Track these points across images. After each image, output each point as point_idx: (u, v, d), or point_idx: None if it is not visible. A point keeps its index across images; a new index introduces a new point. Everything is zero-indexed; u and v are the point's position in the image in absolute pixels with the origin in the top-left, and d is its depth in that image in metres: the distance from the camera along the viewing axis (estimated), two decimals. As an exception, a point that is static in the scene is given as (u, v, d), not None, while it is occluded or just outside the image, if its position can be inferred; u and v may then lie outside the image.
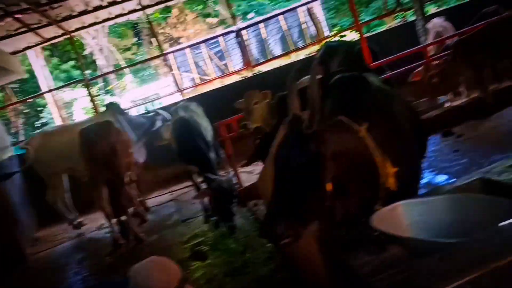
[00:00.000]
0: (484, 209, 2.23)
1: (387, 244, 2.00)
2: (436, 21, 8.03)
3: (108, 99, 15.96)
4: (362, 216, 2.35)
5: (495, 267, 1.62)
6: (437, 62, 6.93)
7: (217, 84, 10.91)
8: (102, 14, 9.38)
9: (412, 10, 9.39)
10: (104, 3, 8.93)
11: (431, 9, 13.16)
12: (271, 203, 2.26)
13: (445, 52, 7.02)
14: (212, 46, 14.46)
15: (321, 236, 2.31)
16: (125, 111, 8.03)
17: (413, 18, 9.31)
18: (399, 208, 2.41)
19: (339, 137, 2.27)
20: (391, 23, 12.35)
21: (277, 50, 14.38)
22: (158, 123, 7.41)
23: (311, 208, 2.21)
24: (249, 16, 18.72)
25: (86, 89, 10.23)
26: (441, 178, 4.84)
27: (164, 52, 11.52)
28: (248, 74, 10.43)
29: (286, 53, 12.23)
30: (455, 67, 6.50)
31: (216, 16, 19.94)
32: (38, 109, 16.00)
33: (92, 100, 9.53)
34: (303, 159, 2.15)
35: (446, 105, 7.20)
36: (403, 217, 2.42)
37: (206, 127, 6.08)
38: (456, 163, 5.15)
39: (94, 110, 9.46)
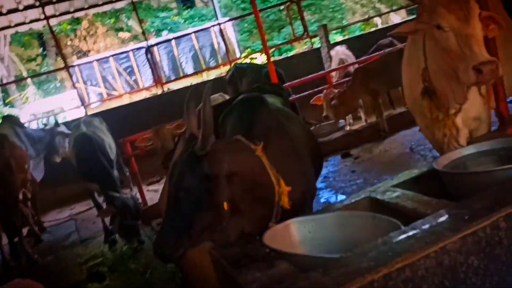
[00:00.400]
0: (368, 225, 2.39)
1: (276, 260, 2.06)
2: (339, 49, 8.50)
3: (7, 111, 14.95)
4: (256, 233, 2.42)
5: (370, 280, 1.73)
6: (338, 87, 7.33)
7: (125, 100, 10.67)
8: (2, 21, 8.86)
9: (317, 37, 9.87)
10: (4, 10, 8.44)
11: (336, 37, 13.91)
12: (163, 222, 2.25)
13: (346, 78, 7.46)
14: (122, 61, 14.14)
15: (214, 253, 2.33)
16: (24, 124, 7.58)
17: (319, 45, 9.77)
18: (291, 226, 2.50)
19: (234, 156, 2.32)
20: (300, 48, 12.87)
21: (189, 68, 14.37)
22: (58, 138, 7.07)
23: (203, 228, 2.22)
24: (163, 33, 18.59)
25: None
26: (339, 198, 5.09)
27: (69, 65, 11.07)
28: (158, 91, 10.33)
29: (197, 72, 12.28)
30: (354, 92, 6.91)
31: (128, 30, 19.58)
32: None
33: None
34: (194, 179, 2.17)
35: (346, 128, 7.61)
36: (295, 234, 2.51)
37: (109, 143, 5.91)
38: (353, 183, 5.44)
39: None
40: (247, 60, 11.87)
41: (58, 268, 5.35)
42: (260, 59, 12.29)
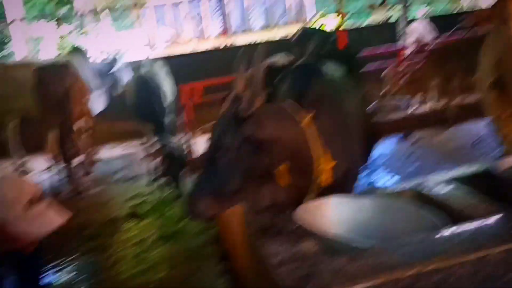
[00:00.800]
0: (410, 217, 2.24)
1: (304, 237, 1.97)
2: (417, 25, 8.04)
3: (78, 42, 15.43)
4: (290, 205, 2.33)
5: (397, 277, 1.62)
6: (410, 63, 6.96)
7: (191, 46, 10.69)
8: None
9: (397, 9, 9.38)
10: None
11: (418, 12, 13.19)
12: (198, 179, 2.20)
13: (420, 55, 7.06)
14: (194, 7, 14.11)
15: (244, 217, 2.27)
16: (91, 58, 7.74)
17: (396, 17, 9.30)
18: (327, 204, 2.40)
19: (278, 123, 2.22)
20: (375, 18, 12.33)
21: (258, 23, 14.14)
22: (119, 75, 7.18)
23: (238, 190, 2.15)
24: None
25: (57, 27, 9.82)
26: (387, 181, 4.90)
27: (144, 4, 11.17)
28: (225, 42, 10.25)
29: (266, 28, 12.06)
30: (426, 72, 6.55)
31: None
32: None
33: (61, 41, 9.18)
34: (234, 140, 2.08)
35: (413, 108, 7.26)
36: (331, 213, 2.41)
37: (166, 88, 5.93)
38: (406, 168, 5.21)
39: (60, 51, 9.12)
40: (317, 25, 11.50)
41: (101, 201, 5.53)
42: (330, 26, 11.88)
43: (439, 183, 2.55)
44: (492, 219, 1.90)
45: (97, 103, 7.10)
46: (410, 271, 1.63)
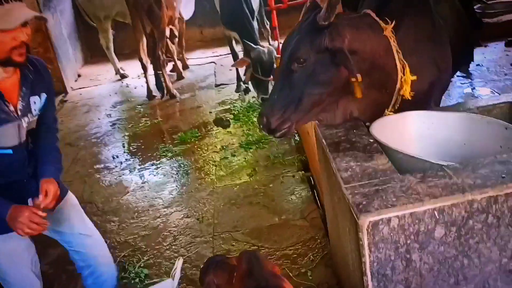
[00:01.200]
0: (497, 135, 2.10)
1: (377, 153, 1.93)
2: None
3: None
4: (367, 119, 2.27)
5: (471, 199, 1.56)
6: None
7: None
8: None
9: None
10: None
11: None
12: (273, 92, 2.18)
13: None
14: None
15: (317, 131, 2.25)
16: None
17: None
18: (408, 118, 2.30)
19: (359, 32, 2.09)
20: None
21: None
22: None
23: (313, 104, 2.11)
24: None
25: None
26: (483, 92, 4.56)
27: None
28: None
29: None
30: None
31: None
32: None
33: None
34: (311, 51, 2.01)
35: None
36: (412, 128, 2.32)
37: (254, -7, 5.77)
38: (507, 78, 4.79)
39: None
40: None
41: (192, 105, 5.75)
42: None
43: (538, 99, 2.33)
44: None
45: (187, 9, 7.15)
46: (486, 194, 1.55)
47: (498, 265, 1.66)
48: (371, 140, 2.05)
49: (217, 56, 7.73)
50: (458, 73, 5.11)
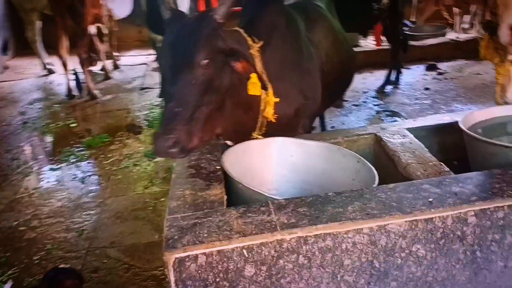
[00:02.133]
0: (350, 167, 2.09)
1: (216, 182, 1.88)
2: None
3: None
4: (233, 139, 2.21)
5: (279, 240, 1.52)
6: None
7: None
8: None
9: None
10: None
11: None
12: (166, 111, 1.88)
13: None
14: None
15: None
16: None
17: None
18: (272, 144, 2.27)
19: (233, 44, 2.01)
20: None
21: None
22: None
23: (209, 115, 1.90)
24: None
25: None
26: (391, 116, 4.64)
27: None
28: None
29: None
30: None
31: None
32: None
33: None
34: (210, 54, 1.86)
35: (451, 35, 6.69)
36: (274, 154, 2.28)
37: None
38: (417, 102, 4.89)
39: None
40: None
41: (110, 108, 5.59)
42: None
43: (401, 131, 2.35)
44: (420, 184, 1.72)
45: (121, 7, 6.96)
46: (293, 235, 1.52)
47: (313, 305, 1.63)
48: (218, 167, 2.00)
49: (152, 57, 7.58)
50: (373, 93, 5.21)
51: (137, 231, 3.17)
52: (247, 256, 1.53)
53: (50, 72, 7.25)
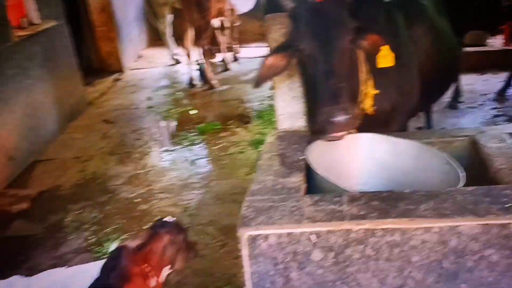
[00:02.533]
0: (439, 167, 2.06)
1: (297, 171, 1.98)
2: None
3: None
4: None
5: (346, 229, 1.58)
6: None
7: None
8: None
9: None
10: None
11: None
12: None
13: None
14: None
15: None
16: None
17: None
18: (361, 140, 2.30)
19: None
20: None
21: None
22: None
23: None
24: None
25: None
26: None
27: None
28: None
29: None
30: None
31: None
32: None
33: None
34: (349, 34, 1.94)
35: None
36: (362, 150, 2.32)
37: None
38: (490, 112, 4.53)
39: None
40: None
41: (225, 98, 5.93)
42: None
43: (500, 136, 2.24)
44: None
45: (245, 2, 7.29)
46: (361, 226, 1.57)
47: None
48: (302, 158, 2.09)
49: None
50: (492, 96, 4.88)
51: (234, 214, 3.36)
52: (315, 241, 1.62)
53: (177, 62, 7.83)
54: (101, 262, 2.12)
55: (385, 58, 2.01)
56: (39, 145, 4.80)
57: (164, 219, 2.07)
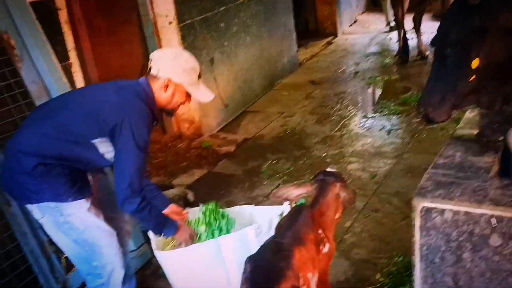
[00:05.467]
0: None
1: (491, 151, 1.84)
2: None
3: None
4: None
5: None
6: None
7: None
8: None
9: None
10: None
11: None
12: (429, 80, 2.12)
13: None
14: None
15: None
16: None
17: None
18: None
19: None
20: None
21: None
22: None
23: (470, 89, 2.04)
24: None
25: None
26: None
27: None
28: None
29: None
30: None
31: None
32: None
33: None
34: (463, 33, 1.94)
35: None
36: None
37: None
38: None
39: None
40: None
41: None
42: None
43: None
44: None
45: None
46: (552, 219, 1.42)
47: None
48: (500, 138, 1.93)
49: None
50: None
51: (423, 188, 3.28)
52: (495, 225, 1.52)
53: (392, 29, 7.61)
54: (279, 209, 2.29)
55: None
56: (250, 97, 5.30)
57: (327, 169, 2.14)
